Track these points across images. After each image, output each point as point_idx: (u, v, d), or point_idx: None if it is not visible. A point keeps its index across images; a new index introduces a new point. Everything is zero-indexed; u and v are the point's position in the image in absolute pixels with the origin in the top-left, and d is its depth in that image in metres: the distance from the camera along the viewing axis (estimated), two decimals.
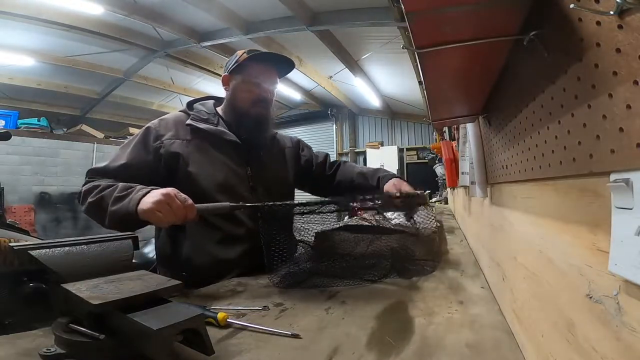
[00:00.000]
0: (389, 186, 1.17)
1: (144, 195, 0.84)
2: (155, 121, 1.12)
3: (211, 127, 1.11)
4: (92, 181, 0.99)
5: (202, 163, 1.06)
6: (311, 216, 0.95)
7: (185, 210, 0.82)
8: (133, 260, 0.67)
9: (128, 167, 1.02)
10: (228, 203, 0.88)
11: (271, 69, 1.16)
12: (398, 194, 1.02)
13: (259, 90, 1.13)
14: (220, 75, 1.22)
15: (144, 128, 1.10)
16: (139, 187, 0.89)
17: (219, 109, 1.20)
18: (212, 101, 1.23)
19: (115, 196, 0.89)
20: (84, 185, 1.00)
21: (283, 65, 1.19)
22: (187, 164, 1.05)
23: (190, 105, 1.20)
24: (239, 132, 1.14)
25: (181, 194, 0.84)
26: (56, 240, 0.61)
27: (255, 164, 1.15)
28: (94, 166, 1.05)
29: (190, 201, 0.84)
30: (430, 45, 0.48)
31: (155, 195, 0.83)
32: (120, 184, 0.92)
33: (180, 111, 1.18)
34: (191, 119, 1.11)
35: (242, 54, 1.13)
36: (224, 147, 1.11)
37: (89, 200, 0.94)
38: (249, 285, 0.91)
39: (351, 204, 0.96)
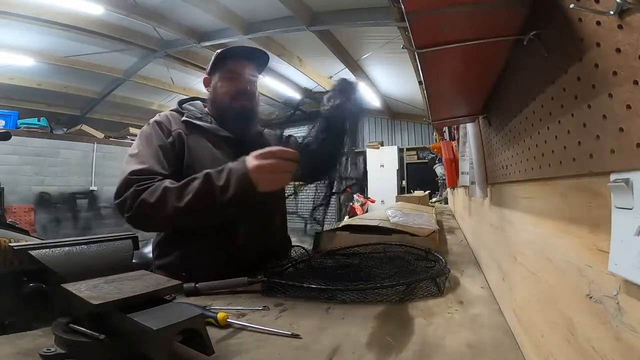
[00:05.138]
0: None
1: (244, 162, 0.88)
2: (157, 117, 1.12)
3: (206, 124, 1.13)
4: (143, 185, 0.92)
5: (201, 158, 1.06)
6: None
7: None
8: (133, 260, 0.67)
9: (166, 158, 1.02)
10: (246, 278, 0.88)
11: (246, 62, 1.17)
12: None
13: (237, 83, 1.14)
14: None
15: (152, 123, 1.09)
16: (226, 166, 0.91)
17: (207, 110, 1.22)
18: (200, 102, 1.25)
19: (218, 186, 0.88)
20: (127, 189, 0.91)
21: (259, 59, 1.20)
22: (188, 157, 1.05)
23: (180, 105, 1.21)
24: (229, 129, 1.14)
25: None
26: (56, 240, 0.61)
27: None
28: (133, 167, 0.96)
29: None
30: (430, 45, 0.48)
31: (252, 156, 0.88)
32: (197, 176, 0.91)
33: (171, 110, 1.18)
34: (186, 116, 1.13)
35: (217, 54, 1.16)
36: (220, 144, 1.12)
37: (175, 205, 0.88)
38: (249, 285, 0.91)
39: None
